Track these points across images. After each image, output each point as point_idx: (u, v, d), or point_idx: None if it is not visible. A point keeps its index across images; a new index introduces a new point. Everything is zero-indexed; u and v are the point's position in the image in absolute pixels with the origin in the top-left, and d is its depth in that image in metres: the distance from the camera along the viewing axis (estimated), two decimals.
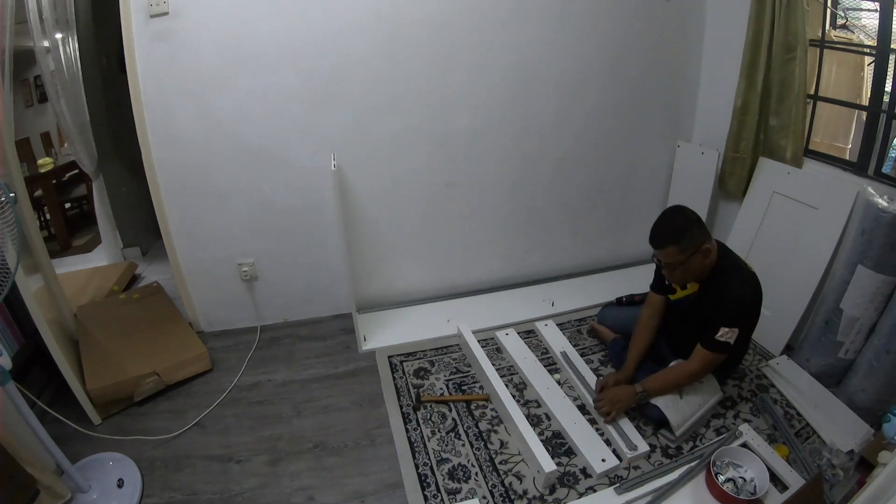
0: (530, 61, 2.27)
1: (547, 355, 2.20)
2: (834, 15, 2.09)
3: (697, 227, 1.61)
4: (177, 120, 1.99)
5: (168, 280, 2.73)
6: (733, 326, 1.60)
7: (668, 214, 1.67)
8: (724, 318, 1.61)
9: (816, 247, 2.02)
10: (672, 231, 1.61)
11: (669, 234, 1.60)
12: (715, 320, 1.63)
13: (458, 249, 2.59)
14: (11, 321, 1.77)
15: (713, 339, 1.63)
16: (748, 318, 1.66)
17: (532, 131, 2.42)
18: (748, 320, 1.65)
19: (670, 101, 2.61)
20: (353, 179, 2.25)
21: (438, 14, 2.08)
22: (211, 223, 2.20)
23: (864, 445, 1.66)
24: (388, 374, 2.11)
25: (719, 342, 1.62)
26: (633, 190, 2.77)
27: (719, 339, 1.62)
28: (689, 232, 1.59)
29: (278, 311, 2.49)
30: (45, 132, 4.32)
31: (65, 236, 3.67)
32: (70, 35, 2.47)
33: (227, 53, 1.93)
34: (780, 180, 2.20)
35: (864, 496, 1.21)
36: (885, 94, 1.88)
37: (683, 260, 1.61)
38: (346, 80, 2.08)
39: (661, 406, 1.72)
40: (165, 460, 1.73)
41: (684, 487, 1.57)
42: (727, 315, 1.62)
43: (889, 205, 1.72)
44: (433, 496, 1.58)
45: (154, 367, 1.96)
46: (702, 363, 1.68)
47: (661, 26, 2.41)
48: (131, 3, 1.80)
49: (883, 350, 1.75)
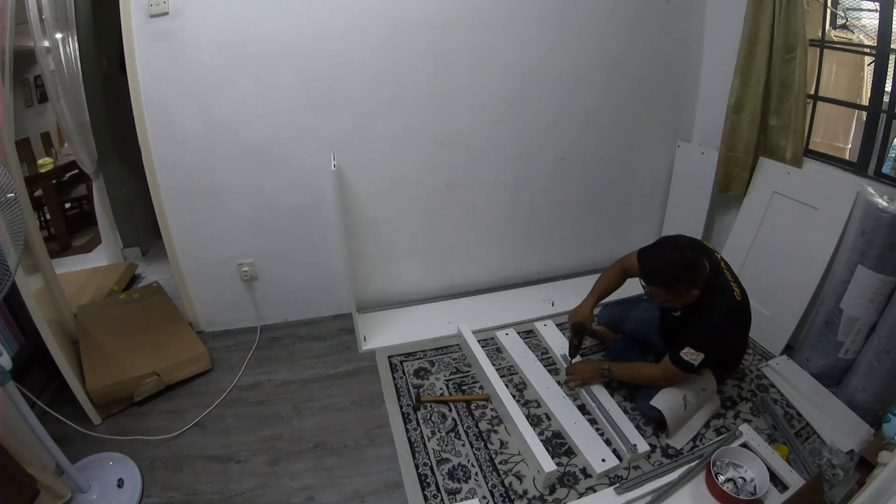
0: (530, 62, 2.27)
1: (547, 355, 2.20)
2: (834, 15, 2.09)
3: (688, 276, 1.59)
4: (177, 120, 1.99)
5: (168, 280, 2.73)
6: (699, 351, 1.62)
7: (666, 253, 1.64)
8: (692, 340, 1.64)
9: (816, 247, 2.02)
10: (664, 276, 1.61)
11: (660, 278, 1.63)
12: (684, 339, 1.65)
13: (458, 249, 2.59)
14: (11, 321, 1.77)
15: (678, 355, 1.65)
16: (718, 347, 1.66)
17: (532, 132, 2.42)
18: (715, 350, 1.65)
19: (670, 101, 2.60)
20: (353, 179, 2.25)
21: (439, 14, 2.08)
22: (211, 223, 2.20)
23: (864, 445, 1.66)
24: (388, 374, 2.11)
25: (683, 360, 1.64)
26: (633, 190, 2.77)
27: (683, 356, 1.64)
28: (679, 283, 1.60)
29: (278, 311, 2.49)
30: (45, 132, 4.32)
31: (65, 236, 3.67)
32: (70, 35, 2.47)
33: (228, 53, 1.93)
34: (780, 180, 2.20)
35: (864, 496, 1.21)
36: (885, 94, 1.88)
37: (667, 299, 1.66)
38: (346, 81, 2.08)
39: (664, 409, 1.72)
40: (165, 460, 1.73)
41: (684, 487, 1.57)
42: (695, 339, 1.64)
43: (889, 205, 1.72)
44: (433, 496, 1.58)
45: (154, 367, 1.96)
46: (664, 373, 1.71)
47: (660, 26, 2.40)
48: (131, 3, 1.80)
49: (883, 350, 1.75)
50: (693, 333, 1.65)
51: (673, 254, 1.62)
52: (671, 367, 1.68)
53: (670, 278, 1.60)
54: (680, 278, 1.59)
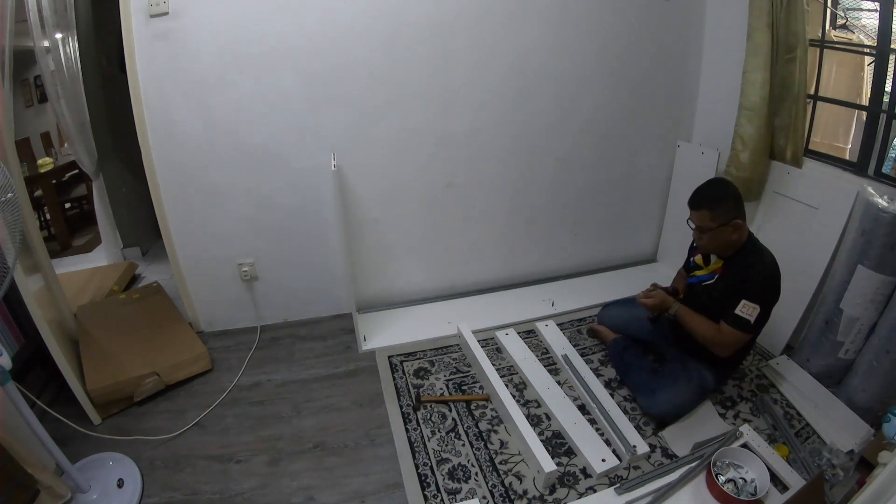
0: (530, 61, 2.27)
1: (547, 355, 2.20)
2: (834, 15, 2.09)
3: (734, 202, 1.64)
4: (177, 120, 1.99)
5: (168, 280, 2.73)
6: (755, 302, 1.61)
7: (712, 182, 1.75)
8: (748, 291, 1.63)
9: (816, 247, 2.02)
10: (710, 196, 1.66)
11: (707, 199, 1.66)
12: (738, 294, 1.64)
13: (459, 249, 2.59)
14: (11, 321, 1.77)
15: (733, 313, 1.63)
16: (769, 299, 1.65)
17: (532, 132, 2.42)
18: (769, 300, 1.65)
19: (670, 101, 2.60)
20: (353, 179, 2.25)
21: (439, 14, 2.08)
22: (211, 223, 2.20)
23: (864, 445, 1.66)
24: (388, 374, 2.11)
25: (739, 318, 1.62)
26: (633, 190, 2.77)
27: (739, 313, 1.62)
28: (725, 203, 1.63)
29: (278, 311, 2.49)
30: (45, 132, 4.32)
31: (65, 236, 3.66)
32: (70, 35, 2.47)
33: (227, 53, 1.93)
34: (780, 180, 2.20)
35: (864, 496, 1.21)
36: (885, 94, 1.88)
37: (714, 227, 1.65)
38: (346, 81, 2.08)
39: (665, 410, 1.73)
40: (165, 460, 1.73)
41: (685, 488, 1.57)
42: (751, 289, 1.63)
43: (889, 205, 1.72)
44: (433, 496, 1.58)
45: (154, 367, 1.96)
46: (721, 335, 1.68)
47: (660, 26, 2.40)
48: (131, 3, 1.80)
49: (883, 350, 1.75)
50: (746, 285, 1.64)
51: (718, 182, 1.74)
52: (728, 328, 1.66)
53: (718, 197, 1.64)
54: (726, 198, 1.64)
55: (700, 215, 1.67)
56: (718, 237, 1.67)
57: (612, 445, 1.72)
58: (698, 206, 1.67)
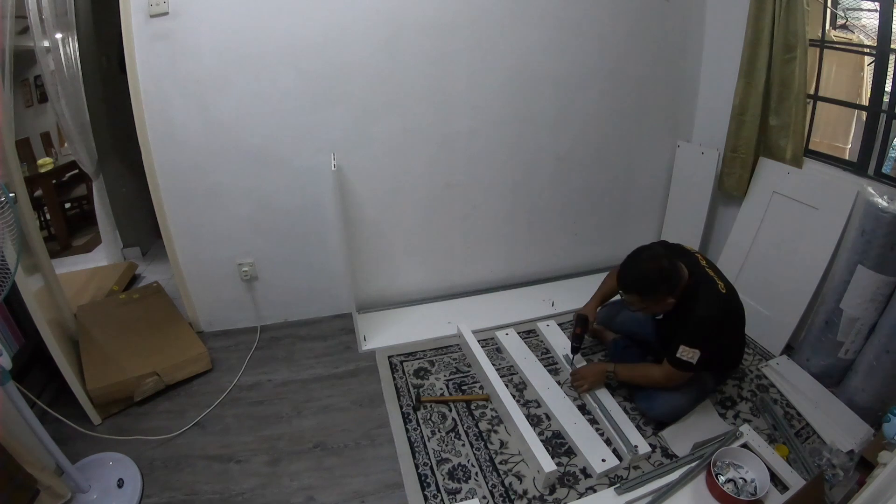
0: (530, 62, 2.27)
1: (547, 355, 2.20)
2: (834, 15, 2.09)
3: (665, 283, 1.62)
4: (177, 120, 1.99)
5: (168, 280, 2.73)
6: (693, 348, 1.63)
7: (642, 262, 1.66)
8: (685, 338, 1.64)
9: (816, 247, 2.02)
10: (640, 284, 1.64)
11: (635, 286, 1.65)
12: (676, 339, 1.66)
13: (459, 249, 2.59)
14: (11, 321, 1.77)
15: (675, 356, 1.66)
16: (711, 341, 1.65)
17: (532, 132, 2.42)
18: (711, 342, 1.65)
19: (670, 101, 2.60)
20: (353, 180, 2.25)
21: (439, 15, 2.08)
22: (211, 223, 2.20)
23: (864, 445, 1.66)
24: (388, 374, 2.11)
25: (681, 360, 1.65)
26: (633, 190, 2.77)
27: (680, 357, 1.65)
28: (655, 290, 1.63)
29: (278, 311, 2.49)
30: (45, 132, 4.32)
31: (65, 236, 3.66)
32: (70, 35, 2.47)
33: (228, 53, 1.93)
34: (780, 180, 2.20)
35: (864, 496, 1.21)
36: (885, 94, 1.88)
37: (644, 307, 1.68)
38: (346, 81, 2.08)
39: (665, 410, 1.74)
40: (165, 460, 1.73)
41: (685, 488, 1.57)
42: (687, 336, 1.64)
43: (889, 205, 1.72)
44: (433, 496, 1.58)
45: (154, 367, 1.96)
46: (664, 375, 1.72)
47: (660, 26, 2.40)
48: (131, 3, 1.80)
49: (883, 350, 1.75)
50: (683, 331, 1.66)
51: (649, 263, 1.64)
52: (671, 369, 1.69)
53: (645, 287, 1.63)
54: (656, 287, 1.62)
55: (630, 298, 1.68)
56: (653, 308, 1.70)
57: (613, 445, 1.72)
58: (627, 290, 1.68)
